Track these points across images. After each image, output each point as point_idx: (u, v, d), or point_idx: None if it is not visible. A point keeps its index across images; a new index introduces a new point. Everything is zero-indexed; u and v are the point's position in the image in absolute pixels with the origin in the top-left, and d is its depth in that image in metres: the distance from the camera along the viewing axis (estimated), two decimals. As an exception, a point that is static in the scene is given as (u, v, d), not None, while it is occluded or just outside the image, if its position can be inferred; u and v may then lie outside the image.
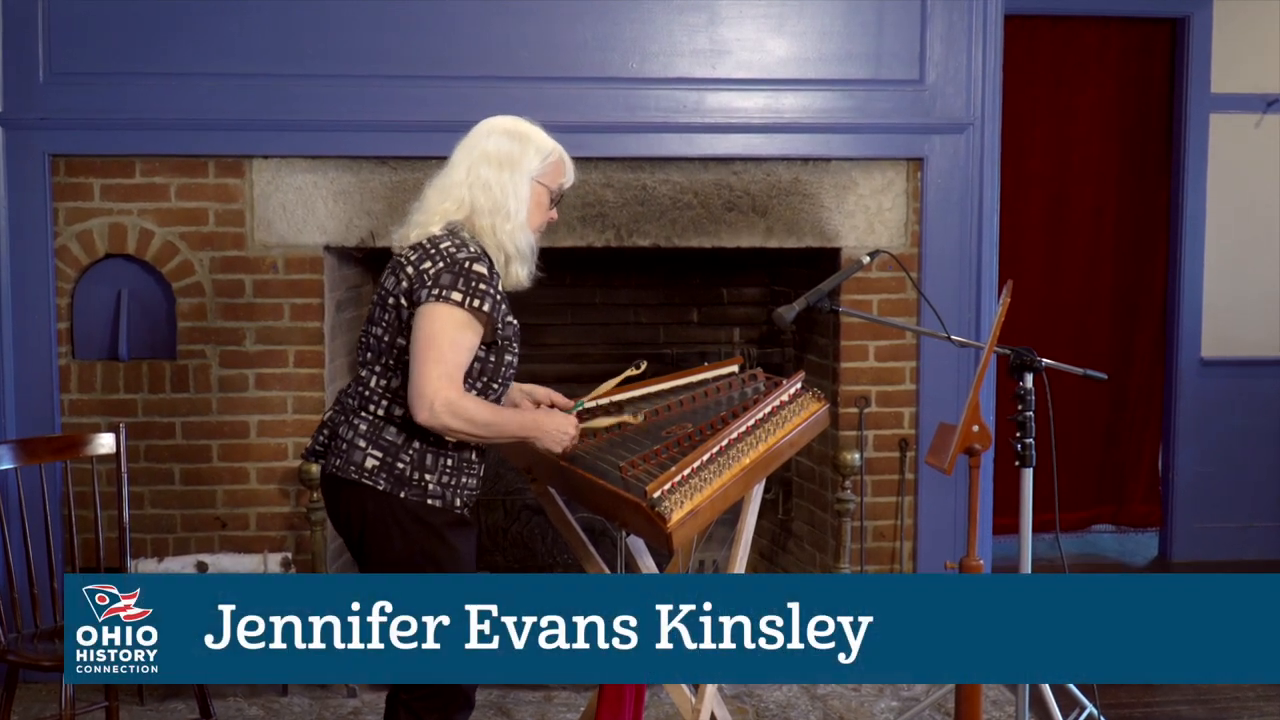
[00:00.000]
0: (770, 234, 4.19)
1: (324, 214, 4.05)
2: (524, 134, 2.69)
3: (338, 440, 2.64)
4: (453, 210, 2.65)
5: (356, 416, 2.62)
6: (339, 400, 2.71)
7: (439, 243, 2.60)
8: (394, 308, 2.60)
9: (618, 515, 2.75)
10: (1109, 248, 5.53)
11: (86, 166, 4.00)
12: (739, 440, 2.81)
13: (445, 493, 2.60)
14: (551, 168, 2.70)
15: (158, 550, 4.04)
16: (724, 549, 4.25)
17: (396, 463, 2.58)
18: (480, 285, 2.54)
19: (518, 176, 2.65)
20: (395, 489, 2.57)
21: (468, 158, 2.67)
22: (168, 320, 4.08)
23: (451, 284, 2.52)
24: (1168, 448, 5.56)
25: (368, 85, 3.99)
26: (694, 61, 4.10)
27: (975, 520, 2.85)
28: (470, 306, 2.53)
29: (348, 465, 2.60)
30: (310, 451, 2.72)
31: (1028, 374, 3.12)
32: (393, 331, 2.60)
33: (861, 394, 4.25)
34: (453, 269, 2.54)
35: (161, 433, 4.06)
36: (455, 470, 2.62)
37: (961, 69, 4.16)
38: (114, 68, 3.94)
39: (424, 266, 2.57)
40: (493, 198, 2.63)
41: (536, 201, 2.68)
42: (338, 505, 2.65)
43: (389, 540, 2.58)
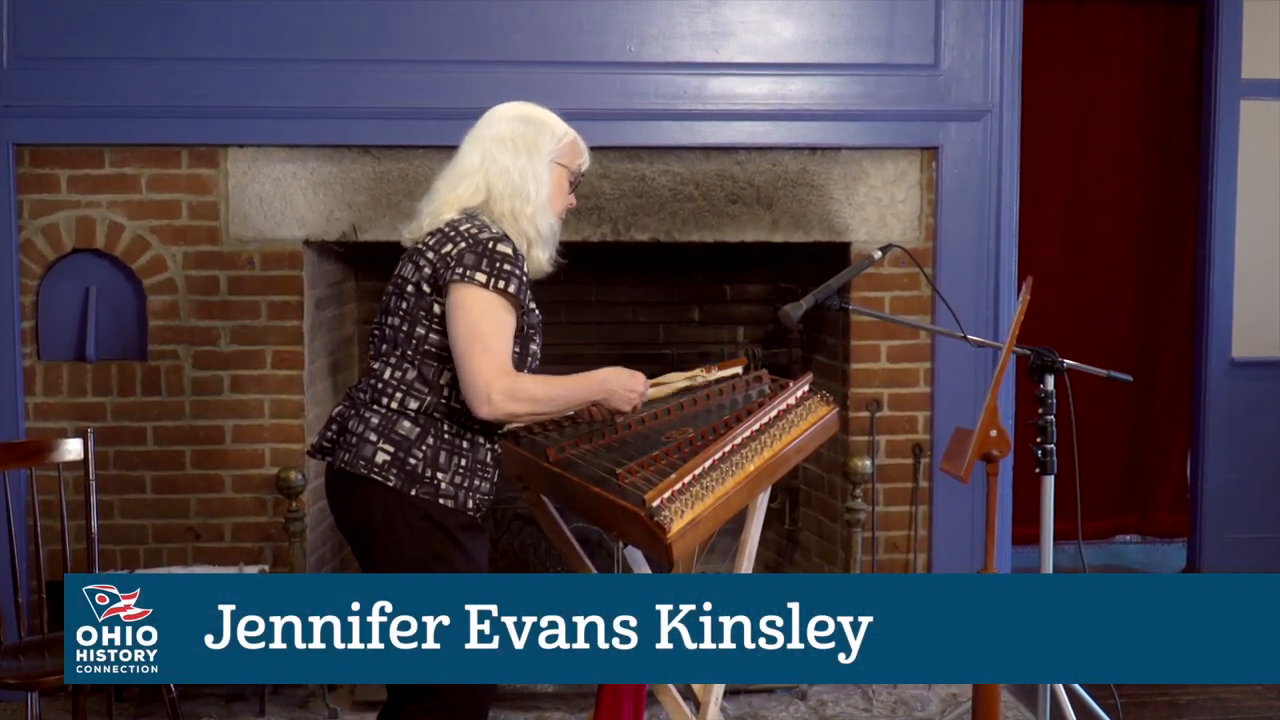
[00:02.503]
0: (776, 227, 4.19)
1: (303, 206, 4.05)
2: (537, 118, 2.74)
3: (347, 435, 2.65)
4: (468, 197, 2.68)
5: (368, 410, 2.63)
6: (349, 395, 2.72)
7: (458, 225, 2.63)
8: (414, 295, 2.61)
9: (614, 525, 2.75)
10: (1134, 242, 5.52)
11: (52, 157, 3.99)
12: (743, 446, 2.80)
13: (458, 494, 2.61)
14: (567, 149, 2.75)
15: (128, 562, 4.03)
16: (727, 561, 4.25)
17: (409, 458, 2.58)
18: (505, 266, 2.57)
19: (535, 159, 2.69)
20: (406, 486, 2.58)
21: (480, 145, 2.71)
22: (138, 319, 4.07)
23: (475, 264, 2.55)
24: (1196, 453, 5.56)
25: (350, 70, 3.98)
26: (695, 45, 4.09)
27: (993, 530, 2.84)
28: (495, 288, 2.55)
29: (357, 460, 2.60)
30: (317, 448, 2.73)
31: (1049, 376, 3.12)
32: (411, 320, 2.62)
33: (873, 397, 4.25)
34: (475, 249, 2.57)
35: (132, 438, 4.05)
36: (469, 472, 2.63)
37: (978, 53, 4.15)
38: (82, 52, 3.93)
39: (445, 250, 2.59)
40: (511, 182, 2.67)
41: (557, 184, 2.74)
42: (344, 502, 2.66)
43: (397, 539, 2.59)
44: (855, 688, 4.13)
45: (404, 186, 3.99)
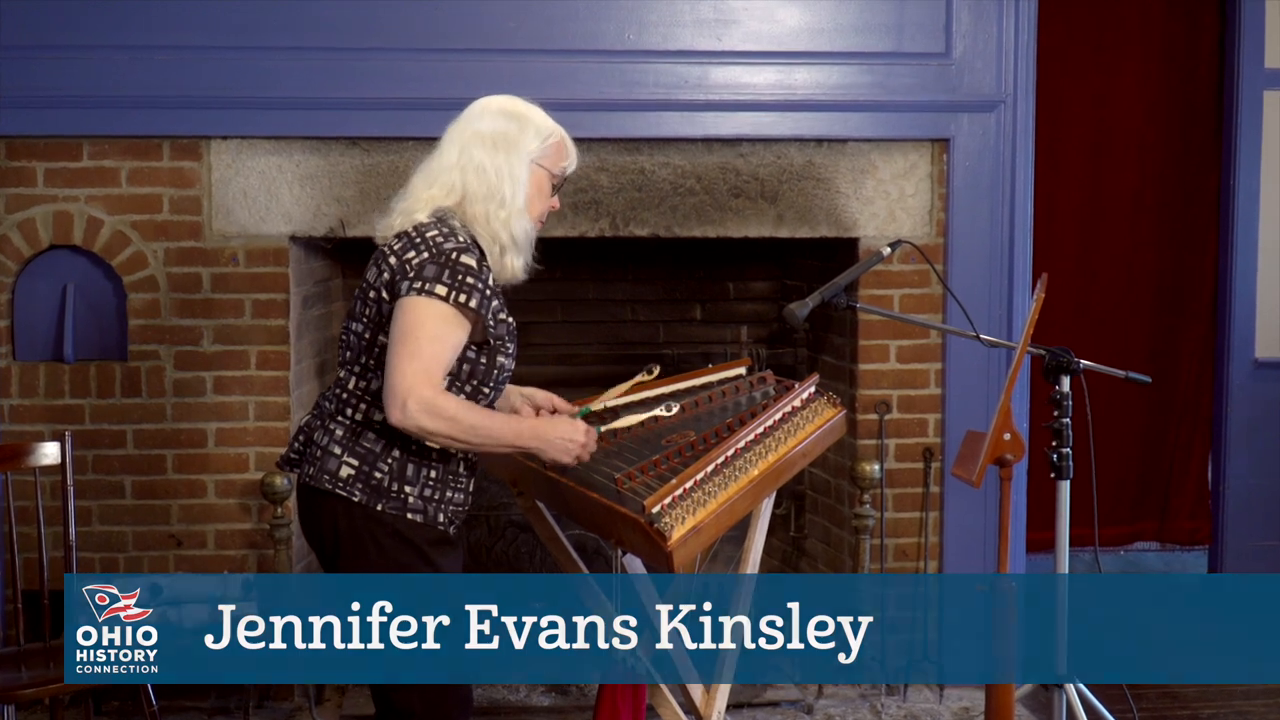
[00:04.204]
0: (781, 222, 4.18)
1: (289, 200, 4.05)
2: (521, 114, 2.69)
3: (313, 447, 2.64)
4: (441, 196, 2.65)
5: (333, 421, 2.62)
6: (317, 404, 2.71)
7: (425, 231, 2.59)
8: (374, 301, 2.59)
9: (613, 532, 2.74)
10: (1152, 237, 5.52)
11: (28, 149, 3.99)
12: (746, 450, 2.80)
13: (427, 507, 2.59)
14: (552, 149, 2.70)
15: (107, 570, 4.03)
16: (730, 569, 4.25)
17: (374, 472, 2.57)
18: (467, 279, 2.53)
19: (514, 159, 2.64)
20: (372, 500, 2.57)
21: (459, 140, 2.67)
22: (118, 318, 4.07)
23: (436, 276, 2.52)
24: (1217, 457, 5.55)
25: (338, 58, 3.98)
26: (697, 32, 4.09)
27: (1006, 537, 2.84)
28: (456, 302, 2.52)
29: (321, 474, 2.59)
30: (285, 460, 2.72)
31: (1064, 377, 3.12)
32: (373, 328, 2.60)
33: (882, 399, 4.25)
34: (438, 260, 2.53)
35: (111, 441, 4.05)
36: (439, 483, 2.61)
37: (991, 41, 4.15)
38: (59, 40, 3.93)
39: (407, 256, 2.56)
40: (487, 181, 2.63)
41: (537, 187, 2.69)
42: (311, 517, 2.65)
43: (364, 556, 2.57)
44: (863, 701, 4.13)
45: (394, 180, 3.99)
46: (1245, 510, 5.50)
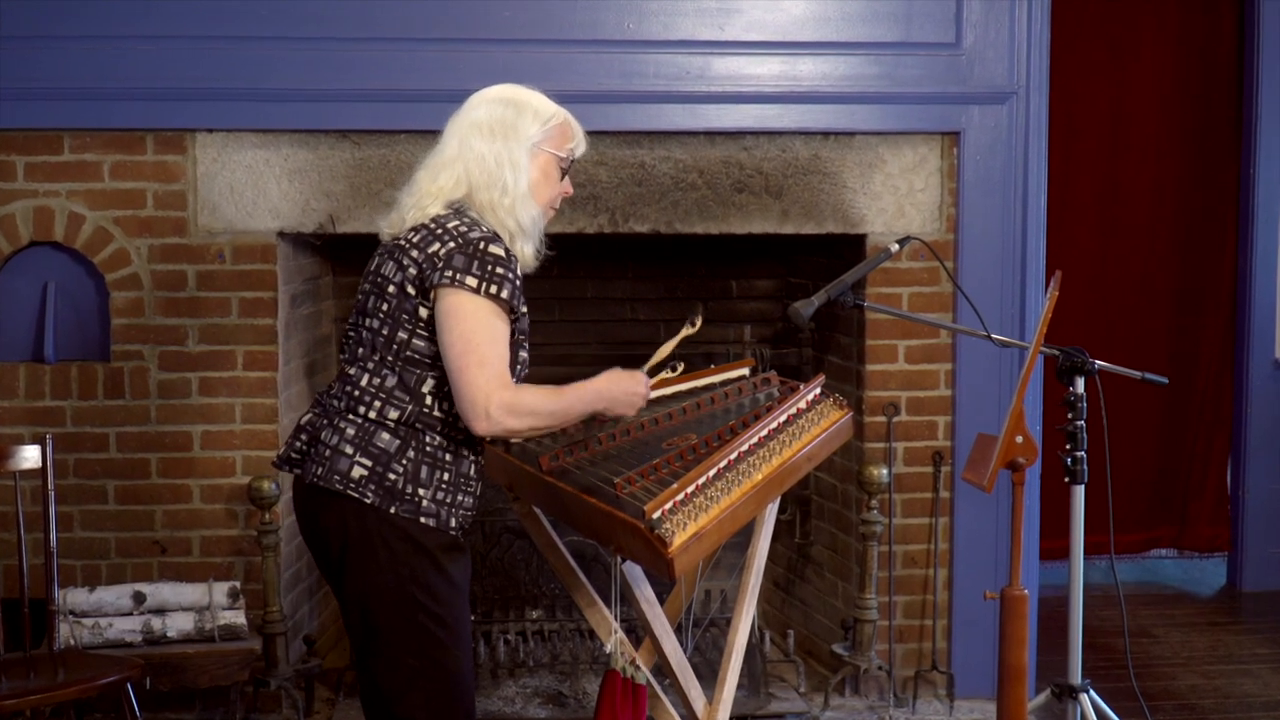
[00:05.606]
0: (785, 218, 4.18)
1: (277, 195, 4.04)
2: (519, 100, 2.72)
3: (319, 446, 2.63)
4: (449, 188, 2.67)
5: (343, 420, 2.62)
6: (320, 401, 2.71)
7: (445, 222, 2.62)
8: (395, 296, 2.60)
9: (612, 539, 2.74)
10: (1169, 234, 5.53)
11: (8, 142, 3.99)
12: (750, 453, 2.80)
13: (440, 511, 2.60)
14: (555, 132, 2.73)
15: (89, 578, 4.02)
16: (733, 577, 4.25)
17: (388, 473, 2.57)
18: (497, 269, 2.56)
19: (513, 145, 2.67)
20: (385, 503, 2.57)
21: (458, 132, 2.70)
22: (100, 317, 4.07)
23: (465, 267, 2.54)
24: (1237, 462, 5.56)
25: (327, 49, 3.97)
26: (699, 21, 4.09)
27: (1019, 544, 2.84)
28: (487, 293, 2.54)
29: (331, 474, 2.59)
30: (284, 459, 2.72)
31: (1079, 378, 3.12)
32: (392, 324, 2.60)
33: (890, 400, 4.25)
34: (465, 250, 2.55)
35: (93, 445, 4.04)
36: (452, 487, 2.62)
37: (1003, 31, 4.15)
38: (40, 30, 3.92)
39: (432, 249, 2.57)
40: (487, 170, 2.65)
41: (544, 172, 2.72)
42: (316, 520, 2.65)
43: (375, 561, 2.57)
44: (871, 713, 4.13)
45: (385, 174, 3.99)
46: (1266, 516, 5.50)
